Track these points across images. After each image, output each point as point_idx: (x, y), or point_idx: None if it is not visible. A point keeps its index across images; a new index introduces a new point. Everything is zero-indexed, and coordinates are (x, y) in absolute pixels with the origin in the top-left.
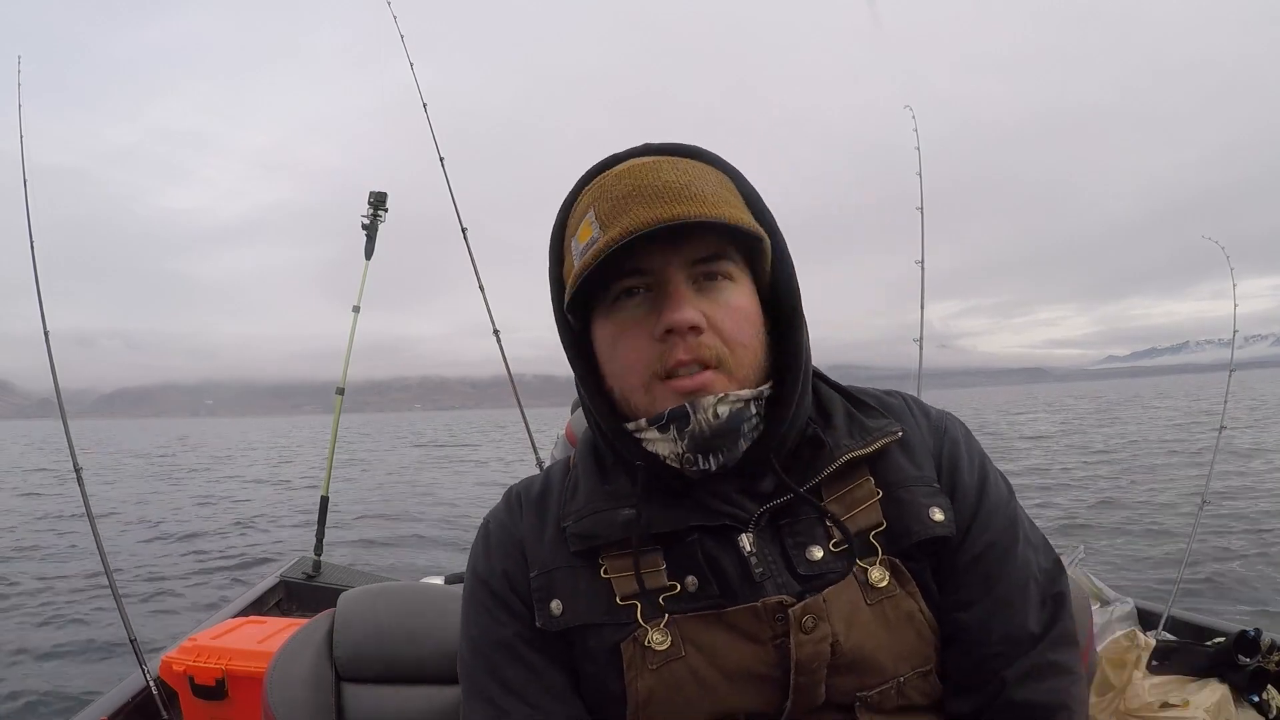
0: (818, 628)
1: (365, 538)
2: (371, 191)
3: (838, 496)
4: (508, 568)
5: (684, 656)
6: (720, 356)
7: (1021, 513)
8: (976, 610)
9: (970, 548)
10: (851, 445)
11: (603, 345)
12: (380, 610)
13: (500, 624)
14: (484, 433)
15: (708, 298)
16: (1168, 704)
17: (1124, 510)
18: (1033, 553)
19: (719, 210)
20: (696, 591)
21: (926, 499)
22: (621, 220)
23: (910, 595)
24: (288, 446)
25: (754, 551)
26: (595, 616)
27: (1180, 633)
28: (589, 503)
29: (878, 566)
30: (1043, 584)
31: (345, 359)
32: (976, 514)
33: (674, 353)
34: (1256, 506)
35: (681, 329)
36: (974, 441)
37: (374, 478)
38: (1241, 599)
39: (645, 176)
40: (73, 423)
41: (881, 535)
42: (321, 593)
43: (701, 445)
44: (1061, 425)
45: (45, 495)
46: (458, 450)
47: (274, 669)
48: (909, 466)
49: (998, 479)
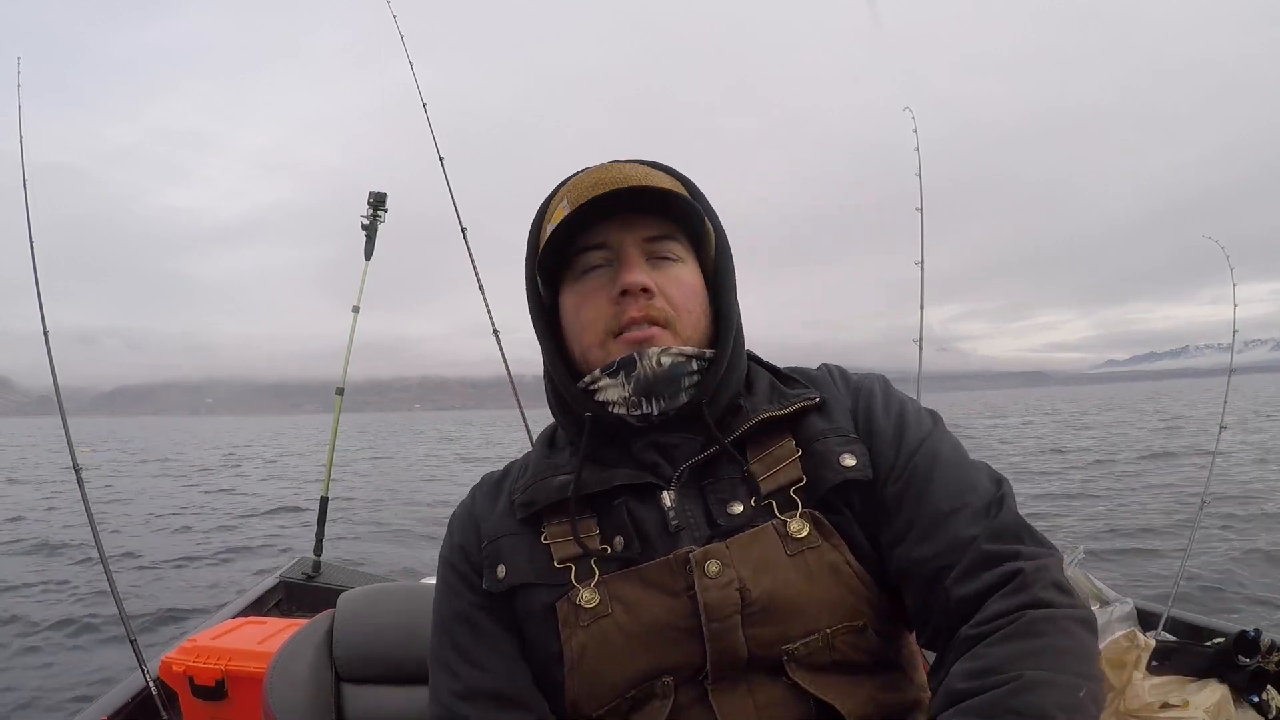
0: (722, 573)
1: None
2: (371, 192)
3: (760, 457)
4: (464, 543)
5: (611, 614)
6: (668, 318)
7: (951, 441)
8: (911, 538)
9: (894, 482)
10: (768, 410)
11: (568, 311)
12: (380, 611)
13: (458, 596)
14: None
15: (659, 271)
16: (1167, 704)
17: (1124, 510)
18: (965, 470)
19: (668, 189)
20: (623, 551)
21: (839, 447)
22: (588, 197)
23: (835, 548)
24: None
25: (673, 508)
26: (533, 577)
27: (1180, 633)
28: (534, 472)
29: (797, 519)
30: (981, 495)
31: (345, 359)
32: (898, 451)
33: (628, 310)
34: (1258, 508)
35: (634, 289)
36: (893, 390)
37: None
38: (1241, 599)
39: (612, 170)
40: (72, 420)
41: (801, 490)
42: (321, 593)
43: (645, 389)
44: (1064, 426)
45: (57, 493)
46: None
47: (274, 669)
48: (824, 423)
49: (919, 417)
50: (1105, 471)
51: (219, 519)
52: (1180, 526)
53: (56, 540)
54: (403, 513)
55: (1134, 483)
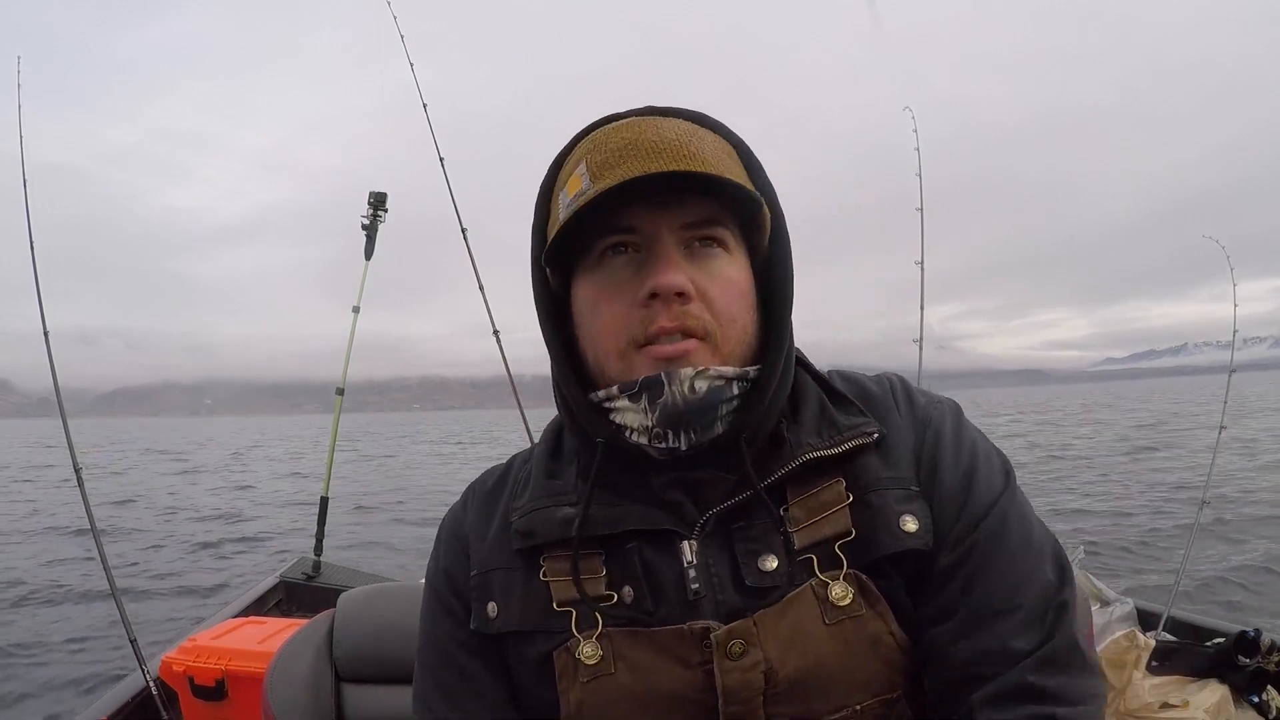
0: (746, 654)
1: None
2: (371, 192)
3: (801, 499)
4: (450, 567)
5: (614, 674)
6: (707, 328)
7: (1019, 511)
8: (953, 623)
9: (949, 553)
10: (816, 445)
11: (582, 306)
12: (380, 611)
13: (439, 625)
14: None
15: (699, 265)
16: (1168, 704)
17: (1123, 510)
18: (1029, 556)
19: (718, 172)
20: (631, 604)
21: (899, 505)
22: (614, 172)
23: (879, 616)
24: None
25: (694, 563)
26: (529, 623)
27: (1180, 633)
28: (532, 498)
29: (841, 582)
30: (1040, 592)
31: (345, 359)
32: (960, 515)
33: (657, 319)
34: (1258, 509)
35: (667, 293)
36: (965, 429)
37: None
38: (1241, 599)
39: (644, 131)
40: (72, 422)
41: (848, 546)
42: (321, 593)
43: (672, 420)
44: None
45: (57, 494)
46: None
47: (274, 669)
48: (883, 467)
49: (990, 471)
50: (1104, 471)
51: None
52: (1180, 526)
53: (60, 539)
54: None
55: (1133, 482)
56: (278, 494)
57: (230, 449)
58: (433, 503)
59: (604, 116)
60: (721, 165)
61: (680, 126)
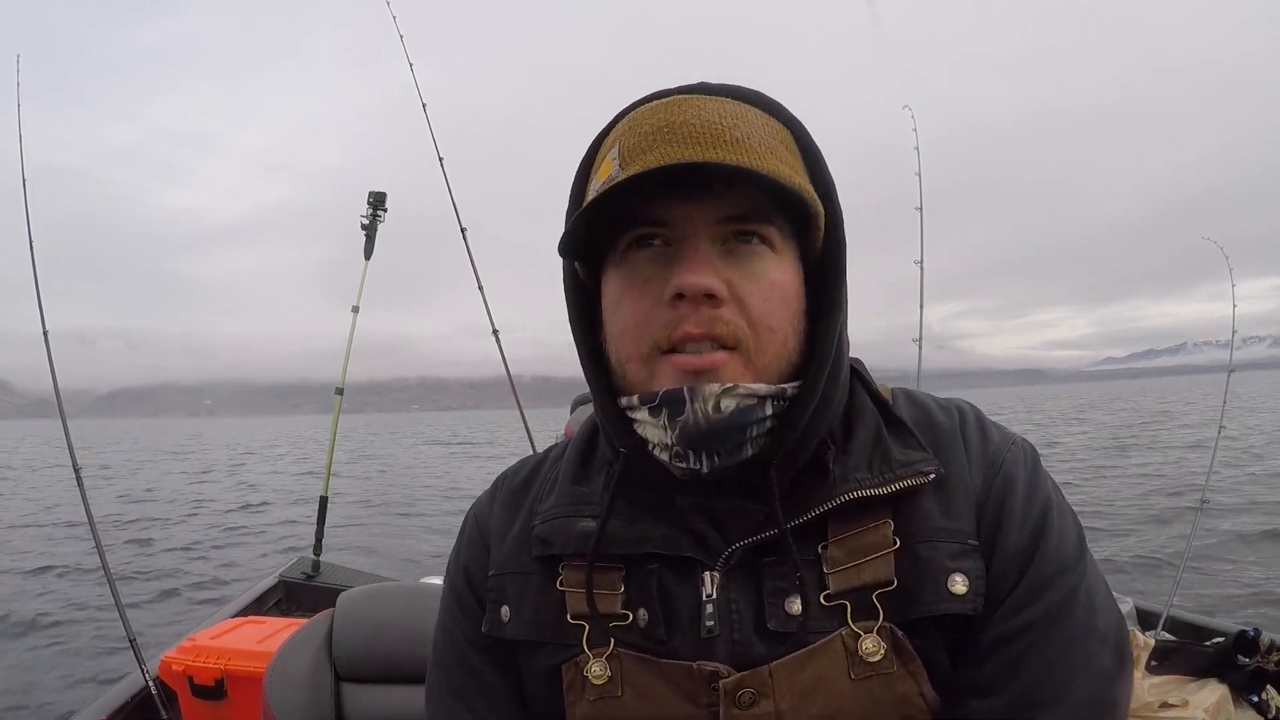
0: (757, 704)
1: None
2: (371, 191)
3: (843, 539)
4: (470, 564)
5: (620, 696)
6: (740, 337)
7: (1088, 586)
8: (994, 701)
9: (1002, 623)
10: (864, 481)
11: (607, 302)
12: (379, 610)
13: (456, 624)
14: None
15: (737, 264)
16: (1167, 704)
17: (1123, 509)
18: (1089, 641)
19: (763, 162)
20: (645, 628)
21: (950, 561)
22: (644, 158)
23: (911, 675)
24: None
25: (714, 596)
26: (540, 634)
27: (1179, 633)
28: (557, 504)
29: (874, 635)
30: (1092, 686)
31: (345, 359)
32: (1019, 582)
33: (683, 323)
34: (1257, 509)
35: (695, 294)
36: (1040, 480)
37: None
38: (1240, 599)
39: (682, 112)
40: (73, 422)
41: (887, 597)
42: (321, 593)
43: (693, 440)
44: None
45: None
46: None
47: (273, 669)
48: (938, 514)
49: (1061, 536)
50: (1104, 471)
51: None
52: (1180, 526)
53: (63, 538)
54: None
55: (1133, 481)
56: (289, 492)
57: (243, 448)
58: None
59: (650, 94)
60: (770, 154)
61: (726, 107)
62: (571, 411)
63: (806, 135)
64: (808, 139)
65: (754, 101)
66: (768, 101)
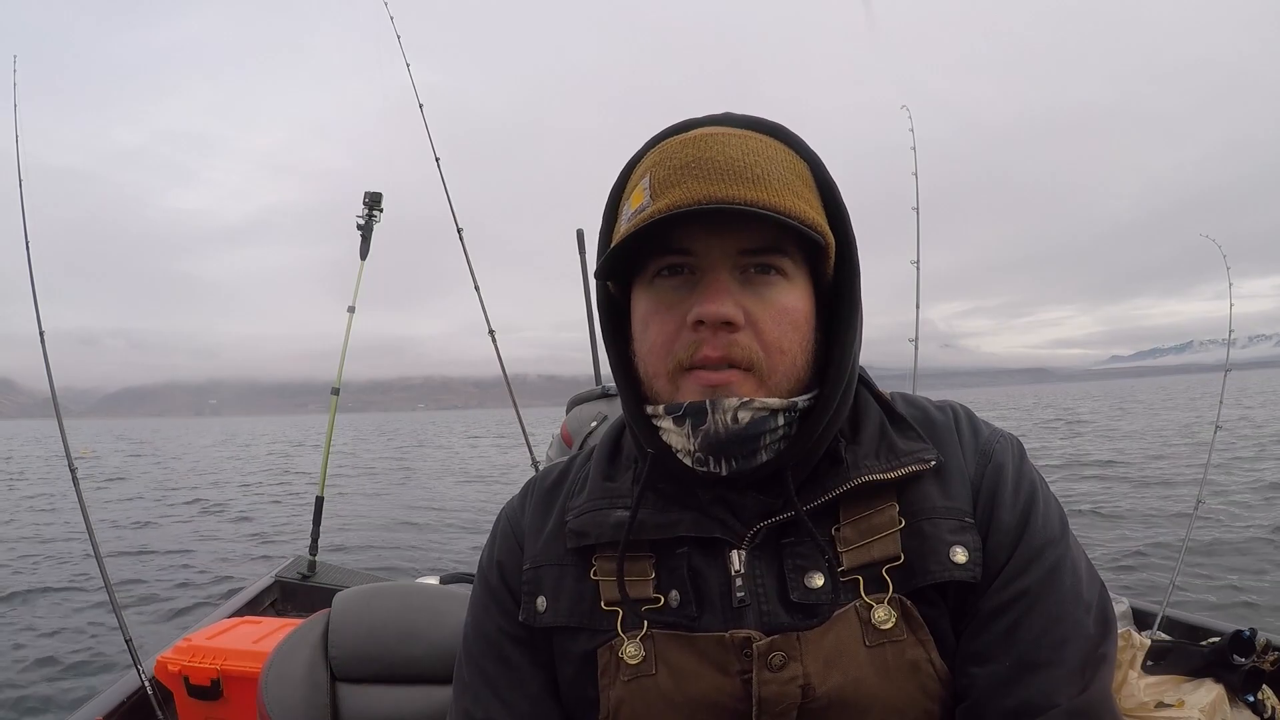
0: (786, 667)
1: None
2: (366, 192)
3: (854, 520)
4: (504, 560)
5: (654, 674)
6: (753, 359)
7: (1072, 559)
8: (993, 668)
9: (997, 594)
10: (873, 467)
11: (636, 321)
12: (375, 610)
13: (489, 616)
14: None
15: (753, 292)
16: (1163, 704)
17: (1123, 511)
18: (1076, 608)
19: (780, 199)
20: (677, 608)
21: (951, 535)
22: (672, 192)
23: (920, 643)
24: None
25: (742, 572)
26: (576, 619)
27: (1175, 632)
28: (589, 499)
29: (885, 605)
30: (1082, 646)
31: (340, 359)
32: (1011, 556)
33: (703, 346)
34: (1253, 507)
35: (714, 322)
36: (1026, 468)
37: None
38: (1237, 599)
39: (709, 149)
40: (80, 422)
41: (896, 571)
42: (317, 593)
43: (714, 447)
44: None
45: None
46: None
47: (269, 669)
48: (939, 496)
49: (1046, 515)
50: (1103, 470)
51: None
52: (1176, 525)
53: (65, 539)
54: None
55: (1132, 481)
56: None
57: (292, 441)
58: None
59: (680, 122)
60: (788, 190)
61: (749, 144)
62: (568, 411)
63: (822, 169)
64: (823, 172)
65: (776, 134)
66: (788, 135)
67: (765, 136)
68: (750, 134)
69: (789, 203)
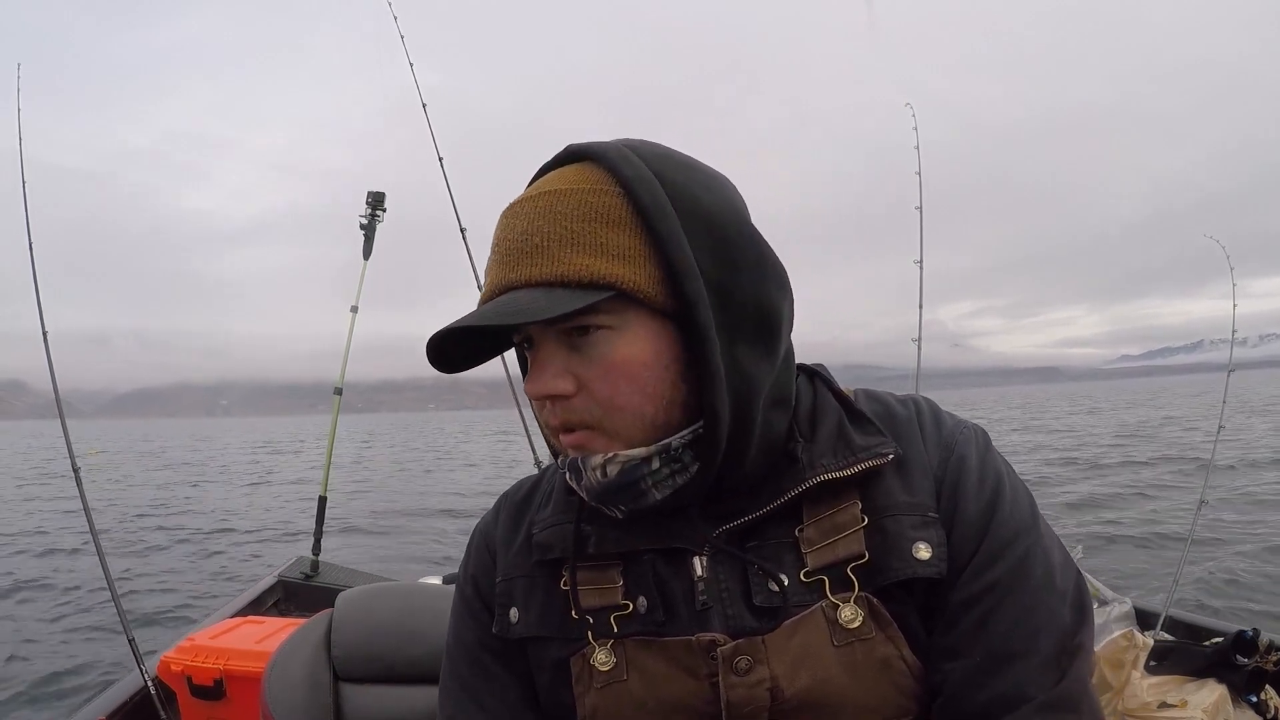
0: (753, 670)
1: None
2: (369, 191)
3: (816, 520)
4: (478, 573)
5: (626, 680)
6: (595, 420)
7: (1044, 548)
8: (965, 662)
9: (966, 586)
10: (830, 465)
11: None
12: (378, 610)
13: (467, 628)
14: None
15: (580, 355)
16: (1165, 704)
17: (1122, 510)
18: (1049, 597)
19: (552, 265)
20: (645, 614)
21: (913, 531)
22: (488, 281)
23: (890, 640)
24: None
25: (704, 576)
26: (548, 629)
27: (1178, 633)
28: (554, 512)
29: (851, 604)
30: (1055, 637)
31: (343, 358)
32: (979, 548)
33: (550, 417)
34: (1256, 508)
35: (540, 400)
36: (991, 458)
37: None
38: (1239, 599)
39: (509, 226)
40: (90, 423)
41: (861, 569)
42: (319, 593)
43: (598, 497)
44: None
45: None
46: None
47: (272, 669)
48: (900, 491)
49: (1014, 504)
50: (1102, 469)
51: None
52: (1179, 525)
53: (68, 539)
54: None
55: (1132, 481)
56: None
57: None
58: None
59: (540, 168)
60: (568, 245)
61: (539, 203)
62: None
63: (652, 190)
64: (653, 194)
65: (588, 157)
66: (615, 157)
67: (572, 169)
68: (550, 181)
69: (563, 266)
